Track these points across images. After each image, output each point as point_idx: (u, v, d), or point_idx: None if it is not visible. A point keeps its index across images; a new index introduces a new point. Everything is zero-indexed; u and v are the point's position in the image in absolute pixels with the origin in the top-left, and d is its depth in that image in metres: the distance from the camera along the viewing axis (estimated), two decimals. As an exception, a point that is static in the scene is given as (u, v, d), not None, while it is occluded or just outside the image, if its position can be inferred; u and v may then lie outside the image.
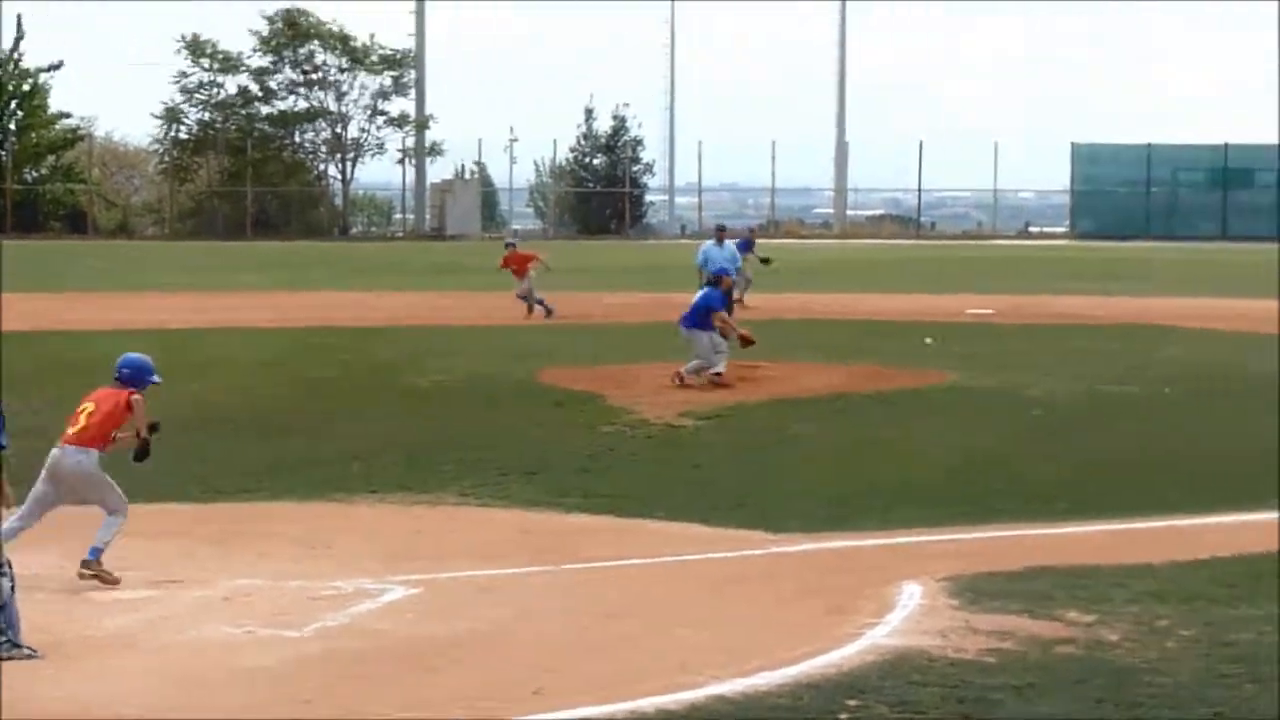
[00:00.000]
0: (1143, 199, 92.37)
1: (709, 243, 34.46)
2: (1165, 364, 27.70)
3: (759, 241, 41.08)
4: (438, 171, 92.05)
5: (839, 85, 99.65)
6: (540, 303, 36.00)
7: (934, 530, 14.93)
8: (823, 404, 22.76)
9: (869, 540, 14.62)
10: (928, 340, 30.06)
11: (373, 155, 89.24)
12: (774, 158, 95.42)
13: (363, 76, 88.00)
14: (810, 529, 14.97)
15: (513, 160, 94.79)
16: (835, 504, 16.18)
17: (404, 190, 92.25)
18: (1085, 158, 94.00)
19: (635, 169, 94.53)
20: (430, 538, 14.74)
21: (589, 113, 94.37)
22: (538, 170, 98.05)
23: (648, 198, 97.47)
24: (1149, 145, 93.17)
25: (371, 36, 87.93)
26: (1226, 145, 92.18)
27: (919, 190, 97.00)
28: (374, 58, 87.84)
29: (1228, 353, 29.73)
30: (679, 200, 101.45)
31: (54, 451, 12.86)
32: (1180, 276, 50.75)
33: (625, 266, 57.23)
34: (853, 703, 9.62)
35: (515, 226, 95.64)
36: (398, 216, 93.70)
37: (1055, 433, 20.75)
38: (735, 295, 36.47)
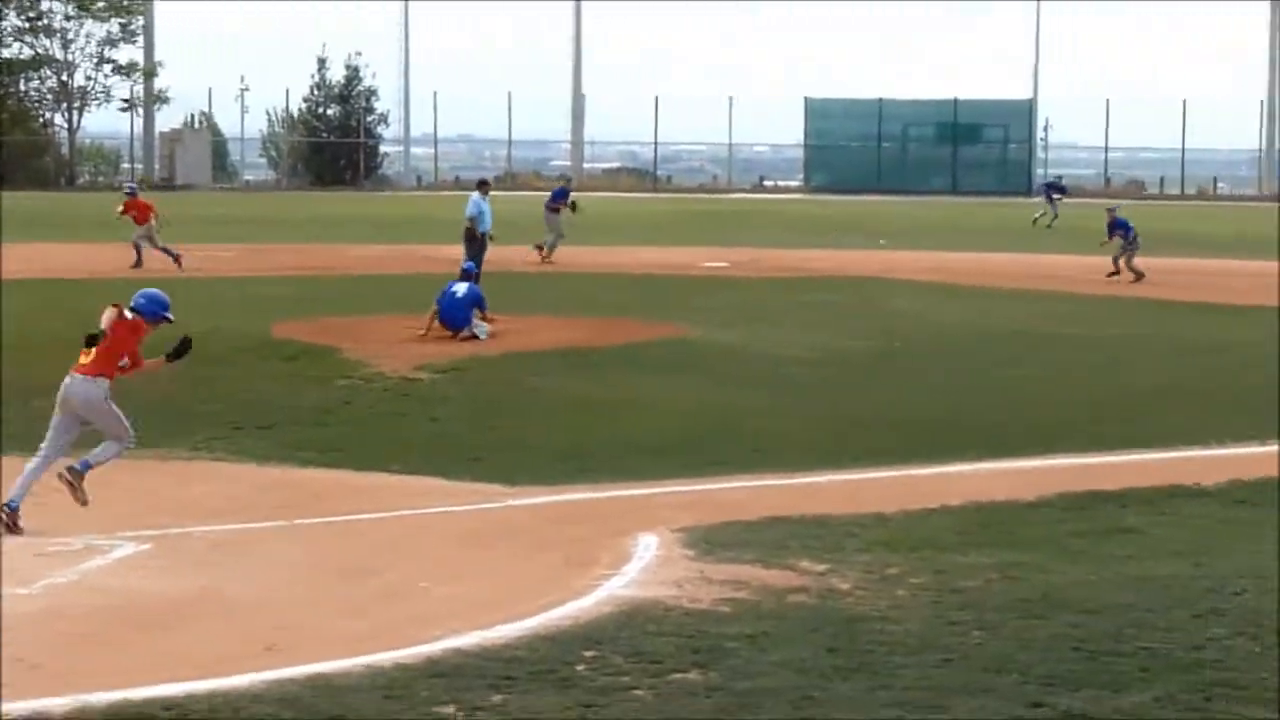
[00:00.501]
0: (874, 154, 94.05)
1: (475, 195, 33.23)
2: (896, 318, 28.20)
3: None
4: (167, 120, 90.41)
5: (575, 38, 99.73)
6: (166, 250, 35.32)
7: (670, 482, 15.03)
8: (559, 358, 22.79)
9: (606, 493, 14.68)
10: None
11: (100, 104, 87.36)
12: (510, 109, 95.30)
13: (90, 24, 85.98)
14: (547, 482, 15.00)
15: (244, 110, 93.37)
16: (572, 457, 16.21)
17: (132, 140, 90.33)
18: (818, 112, 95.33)
19: (370, 119, 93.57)
20: (163, 493, 14.48)
21: (321, 62, 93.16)
22: (270, 120, 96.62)
23: (383, 148, 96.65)
24: (880, 100, 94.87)
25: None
26: (956, 101, 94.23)
27: (655, 144, 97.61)
28: (101, 4, 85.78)
29: (958, 308, 30.34)
30: (415, 151, 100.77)
31: (65, 380, 13.27)
32: (910, 230, 51.77)
33: (361, 218, 56.66)
34: (589, 653, 9.68)
35: (248, 177, 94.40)
36: (125, 166, 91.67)
37: (790, 385, 20.97)
38: (544, 254, 37.06)
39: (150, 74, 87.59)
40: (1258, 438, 17.48)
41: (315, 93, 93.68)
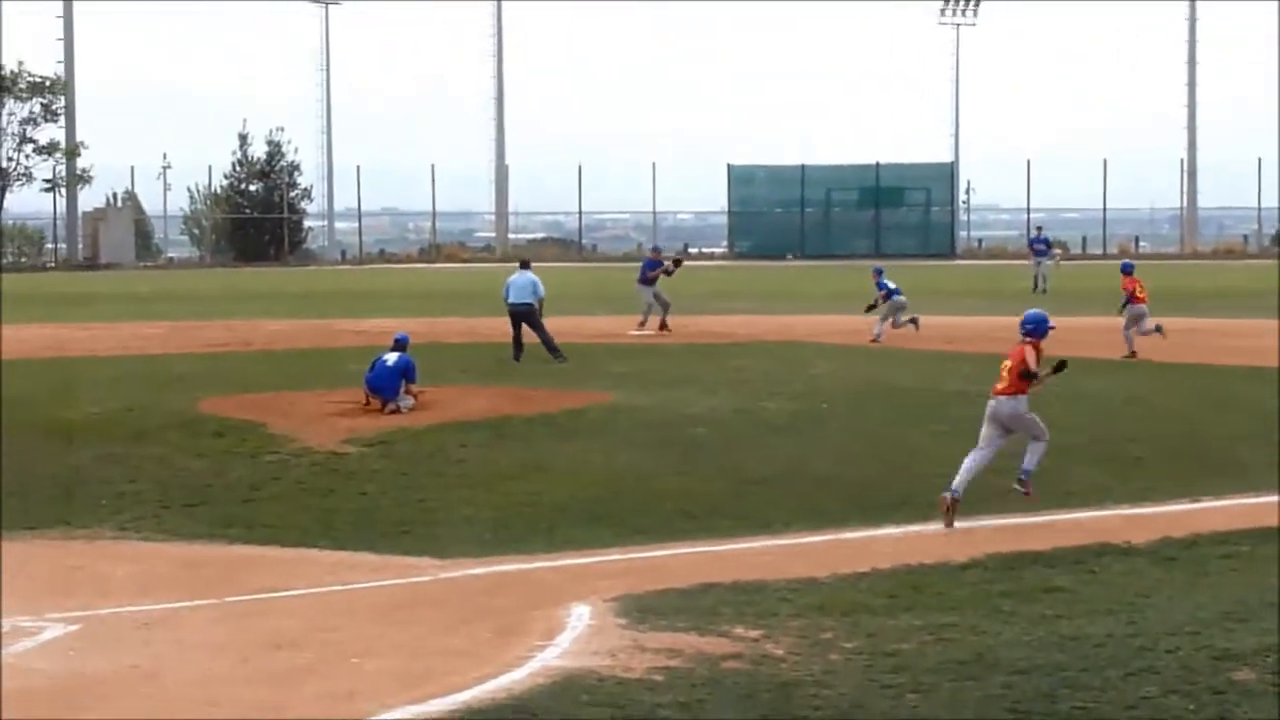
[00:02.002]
0: (798, 219, 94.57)
1: (516, 275, 32.08)
2: (820, 380, 28.25)
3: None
4: (90, 199, 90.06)
5: (497, 109, 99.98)
6: None
7: (601, 550, 15.01)
8: (486, 427, 22.69)
9: (537, 563, 14.62)
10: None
11: (22, 185, 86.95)
12: (434, 182, 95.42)
13: (10, 104, 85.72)
14: (478, 553, 14.93)
15: (166, 187, 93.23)
16: (502, 527, 16.16)
17: (55, 219, 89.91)
18: (741, 179, 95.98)
19: (292, 194, 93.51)
20: (89, 573, 14.36)
21: (243, 138, 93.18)
22: (192, 197, 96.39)
23: (306, 223, 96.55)
24: (803, 166, 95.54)
25: (20, 64, 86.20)
26: (878, 165, 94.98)
27: (579, 213, 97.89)
28: (22, 85, 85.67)
29: (881, 368, 30.44)
30: (339, 225, 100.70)
31: (990, 402, 16.62)
32: (833, 293, 51.84)
33: (285, 293, 56.44)
34: (524, 726, 9.58)
35: (172, 254, 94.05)
36: (50, 246, 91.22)
37: (716, 450, 20.99)
38: (652, 321, 37.69)
39: (72, 154, 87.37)
40: (1186, 495, 17.61)
41: (237, 169, 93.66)
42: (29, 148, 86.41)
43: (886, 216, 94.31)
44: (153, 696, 10.54)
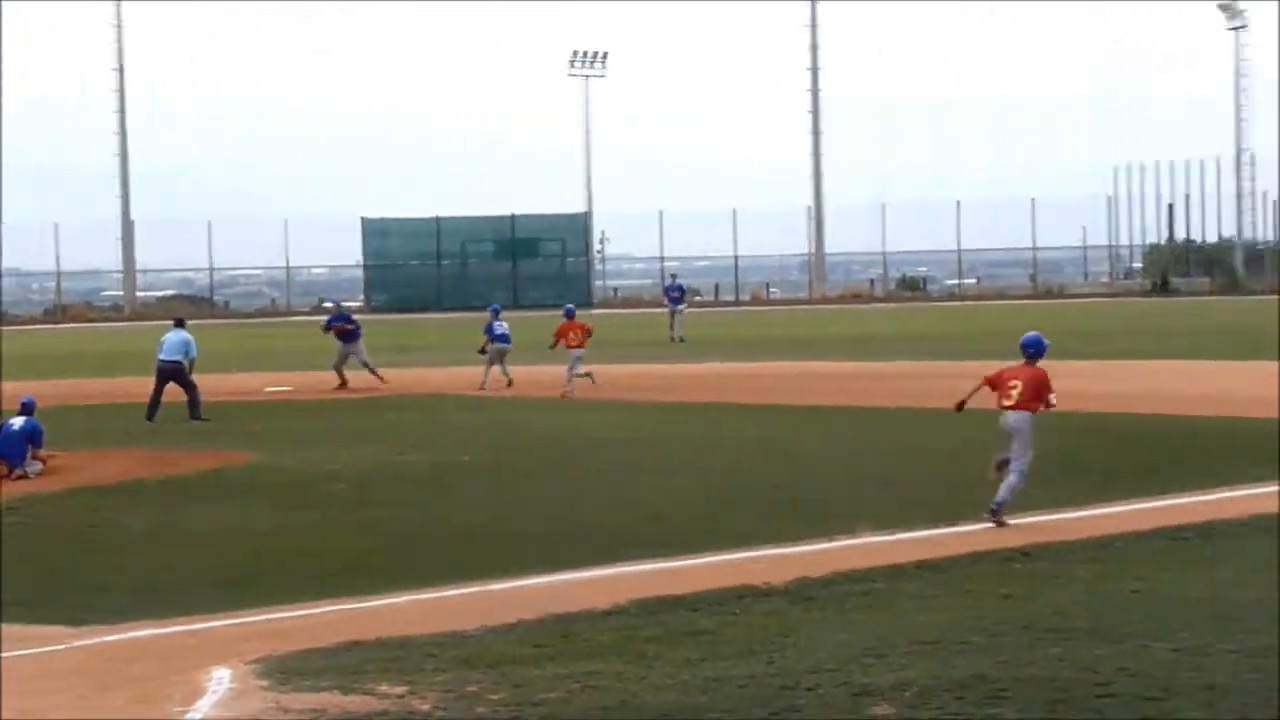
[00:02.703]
0: (434, 271, 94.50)
1: (171, 333, 31.96)
2: (463, 431, 28.23)
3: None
4: None
5: (121, 164, 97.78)
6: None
7: (241, 613, 14.71)
8: (121, 491, 22.18)
9: (175, 627, 14.28)
10: None
11: None
12: (57, 240, 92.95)
13: None
14: (113, 620, 14.51)
15: None
16: (137, 593, 15.74)
17: None
18: (375, 232, 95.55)
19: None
20: None
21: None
22: None
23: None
24: (438, 218, 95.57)
25: None
26: (513, 216, 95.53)
27: (210, 269, 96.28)
28: None
29: (523, 418, 30.59)
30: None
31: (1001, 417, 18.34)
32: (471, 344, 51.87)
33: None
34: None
35: None
36: None
37: (356, 505, 20.79)
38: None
39: None
40: (824, 535, 17.87)
41: None
42: None
43: (524, 267, 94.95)
44: None
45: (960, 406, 19.02)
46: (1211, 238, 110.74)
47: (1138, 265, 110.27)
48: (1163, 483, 20.93)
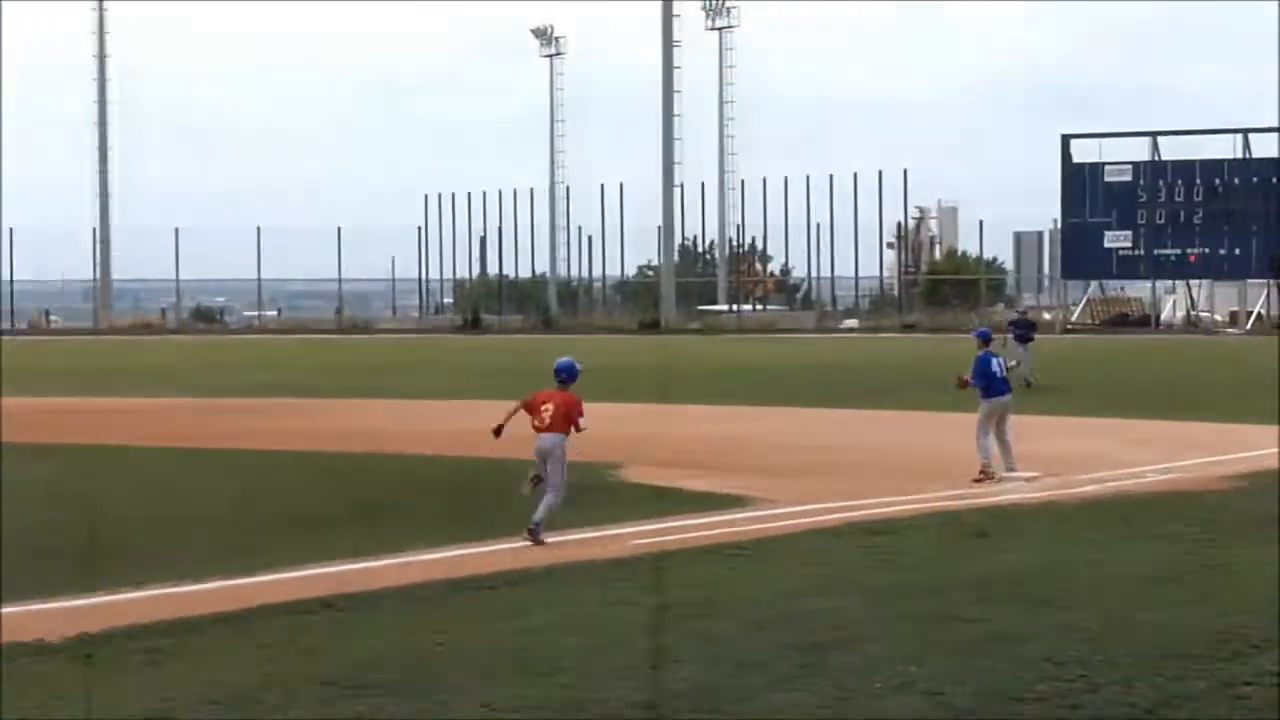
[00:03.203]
0: None
1: None
2: None
3: None
4: None
5: None
6: None
7: None
8: None
9: None
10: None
11: None
12: None
13: None
14: None
15: None
16: None
17: None
18: None
19: None
20: None
21: None
22: None
23: None
24: None
25: None
26: None
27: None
28: None
29: None
30: None
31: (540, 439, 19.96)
32: None
33: None
34: None
35: None
36: None
37: None
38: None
39: None
40: (111, 587, 17.17)
41: None
42: None
43: None
44: None
45: (499, 431, 20.18)
46: (525, 272, 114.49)
47: (449, 300, 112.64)
48: (456, 530, 20.85)
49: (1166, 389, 45.76)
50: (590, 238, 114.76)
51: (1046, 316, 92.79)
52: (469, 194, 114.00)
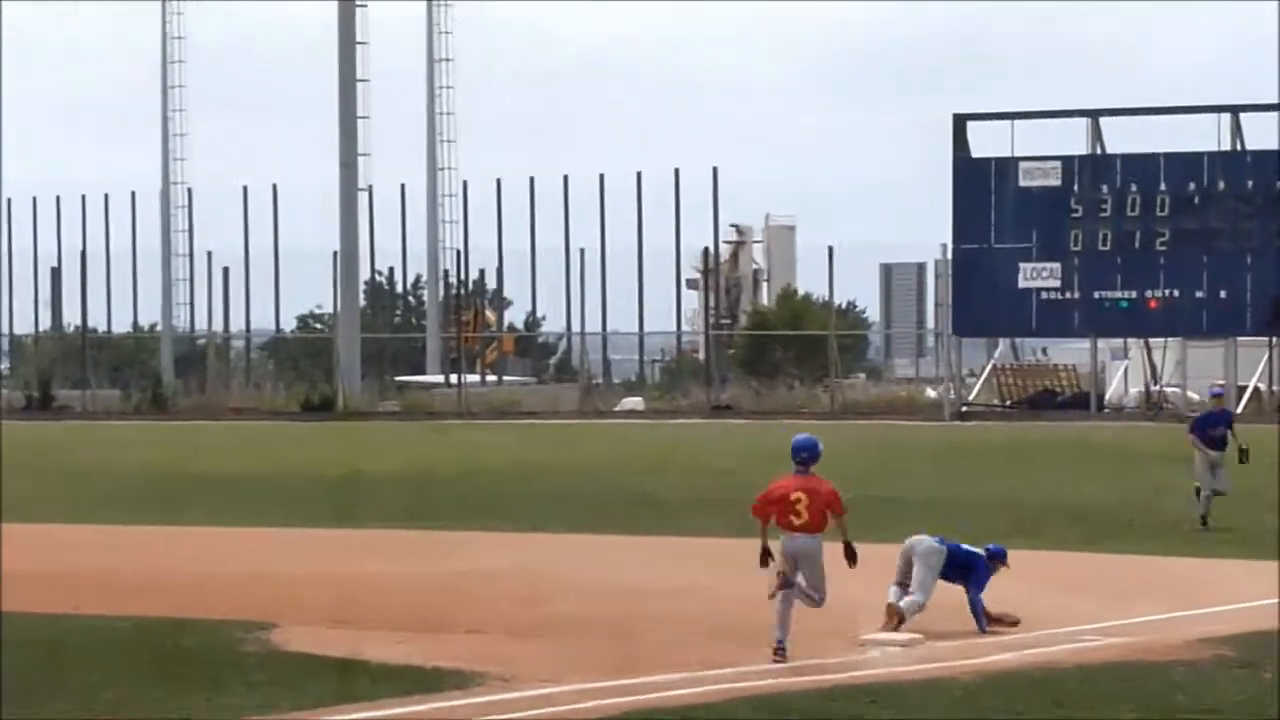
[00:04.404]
0: None
1: None
2: None
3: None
4: None
5: None
6: None
7: None
8: None
9: None
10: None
11: None
12: None
13: None
14: None
15: None
16: None
17: None
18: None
19: None
20: None
21: None
22: None
23: None
24: None
25: None
26: None
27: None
28: None
29: None
30: None
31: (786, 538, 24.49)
32: None
33: None
34: None
35: None
36: None
37: None
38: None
39: None
40: None
41: None
42: None
43: None
44: None
45: (766, 556, 24.34)
46: (124, 325, 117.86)
47: (4, 366, 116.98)
48: None
49: (1114, 506, 45.79)
50: (227, 270, 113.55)
51: (931, 394, 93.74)
52: (33, 198, 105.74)
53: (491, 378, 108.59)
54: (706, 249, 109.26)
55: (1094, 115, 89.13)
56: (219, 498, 48.20)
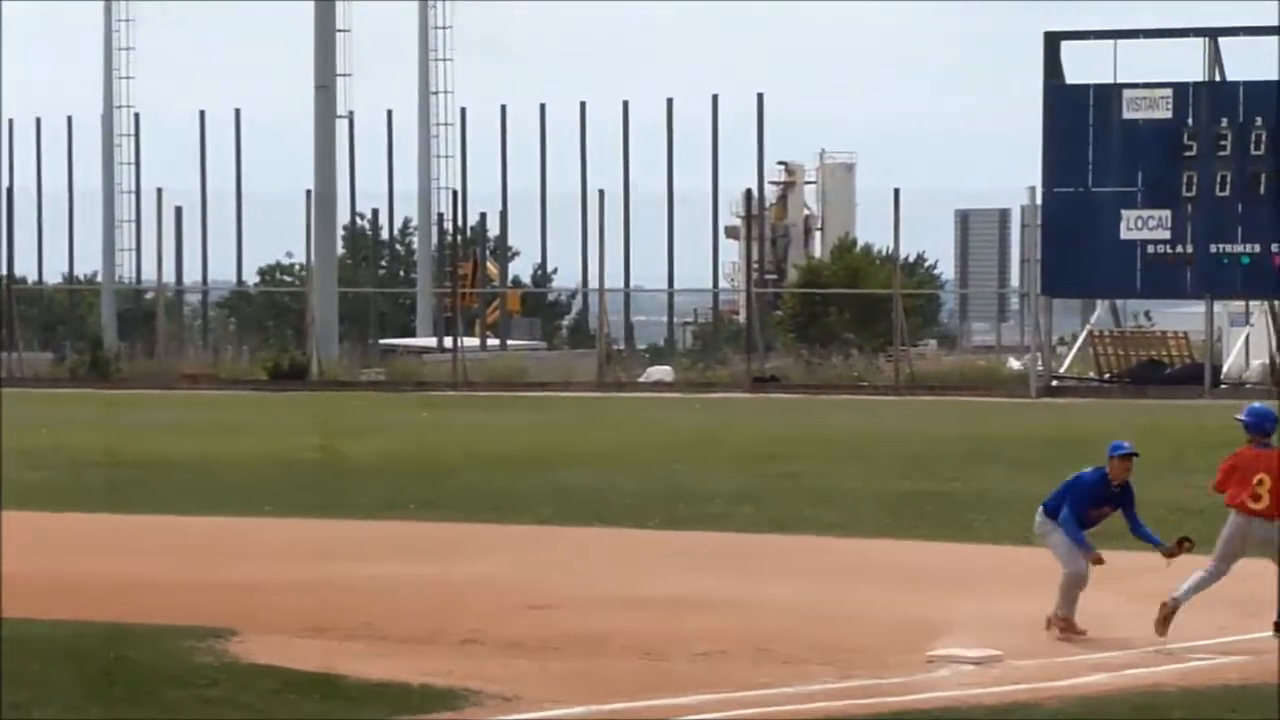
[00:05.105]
0: None
1: None
2: None
3: None
4: None
5: None
6: None
7: None
8: None
9: None
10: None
11: None
12: None
13: None
14: None
15: None
16: None
17: None
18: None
19: None
20: None
21: None
22: None
23: None
24: None
25: None
26: None
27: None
28: None
29: None
30: None
31: (1239, 519, 26.44)
32: None
33: None
34: None
35: None
36: None
37: None
38: None
39: None
40: None
41: None
42: None
43: None
44: None
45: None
46: (56, 275, 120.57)
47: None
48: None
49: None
50: (180, 210, 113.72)
51: (1014, 364, 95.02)
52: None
53: (493, 342, 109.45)
54: (749, 191, 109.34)
55: (1212, 35, 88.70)
56: (169, 482, 48.40)
